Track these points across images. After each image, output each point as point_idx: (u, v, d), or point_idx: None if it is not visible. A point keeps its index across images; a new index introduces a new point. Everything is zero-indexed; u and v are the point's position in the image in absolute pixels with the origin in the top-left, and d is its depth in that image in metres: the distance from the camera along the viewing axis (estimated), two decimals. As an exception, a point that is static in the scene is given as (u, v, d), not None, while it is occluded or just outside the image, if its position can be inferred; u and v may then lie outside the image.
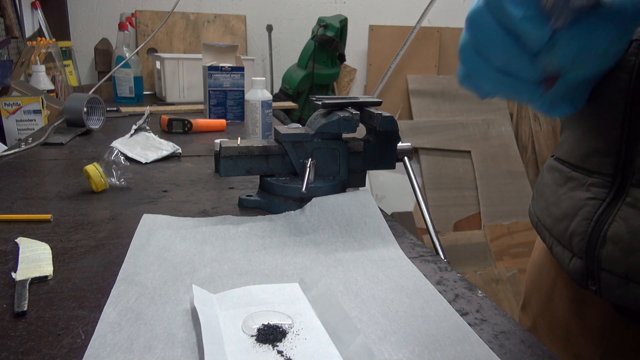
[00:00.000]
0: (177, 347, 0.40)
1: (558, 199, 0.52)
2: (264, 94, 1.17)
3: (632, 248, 0.43)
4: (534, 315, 0.65)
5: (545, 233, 0.56)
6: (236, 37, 2.32)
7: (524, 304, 0.69)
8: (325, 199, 0.67)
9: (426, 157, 2.57)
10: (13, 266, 0.54)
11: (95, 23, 2.29)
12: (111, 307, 0.46)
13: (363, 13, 2.62)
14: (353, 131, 0.73)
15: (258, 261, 0.57)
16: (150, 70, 2.10)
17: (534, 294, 0.65)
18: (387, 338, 0.43)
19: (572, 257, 0.50)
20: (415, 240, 0.64)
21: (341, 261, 0.57)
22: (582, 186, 0.49)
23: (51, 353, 0.40)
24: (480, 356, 0.40)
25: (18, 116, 1.33)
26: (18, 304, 0.46)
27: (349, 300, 0.49)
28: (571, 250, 0.50)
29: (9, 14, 1.66)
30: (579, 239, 0.48)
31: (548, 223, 0.54)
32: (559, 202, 0.52)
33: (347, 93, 2.68)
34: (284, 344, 0.41)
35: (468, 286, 0.53)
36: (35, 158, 1.03)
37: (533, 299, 0.65)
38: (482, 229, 2.50)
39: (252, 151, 0.71)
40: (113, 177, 0.81)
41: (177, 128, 1.32)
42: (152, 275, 0.52)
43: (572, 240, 0.49)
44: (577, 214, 0.48)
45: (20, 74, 1.66)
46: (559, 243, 0.52)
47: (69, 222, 0.67)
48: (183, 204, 0.76)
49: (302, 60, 2.29)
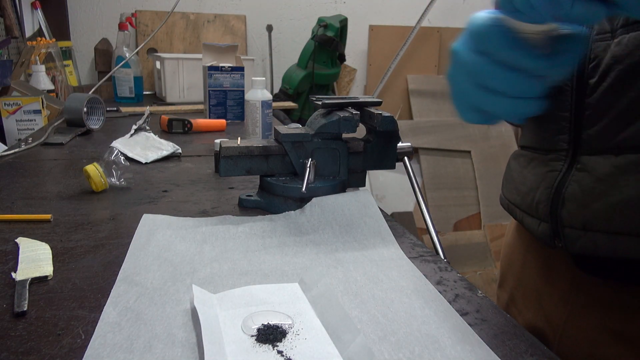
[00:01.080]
0: (177, 347, 0.40)
1: (524, 178, 0.61)
2: (264, 94, 1.17)
3: (585, 203, 0.51)
4: (510, 289, 0.72)
5: (515, 210, 0.64)
6: (236, 37, 2.32)
7: (501, 281, 0.76)
8: (325, 199, 0.67)
9: (426, 157, 2.57)
10: (13, 266, 0.54)
11: (95, 23, 2.29)
12: (111, 307, 0.46)
13: (363, 13, 2.62)
14: (353, 131, 0.73)
15: (258, 261, 0.57)
16: (150, 70, 2.10)
17: (509, 270, 0.73)
18: (387, 338, 0.43)
19: (540, 223, 0.57)
20: (415, 240, 0.64)
21: (341, 261, 0.57)
22: (543, 163, 0.58)
23: (51, 353, 0.40)
24: (480, 356, 0.40)
25: (18, 116, 1.33)
26: (18, 304, 0.46)
27: (349, 300, 0.49)
28: (538, 217, 0.58)
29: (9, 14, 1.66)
30: (543, 205, 0.56)
31: (517, 200, 0.63)
32: (524, 180, 0.61)
33: (347, 93, 2.68)
34: (284, 344, 0.41)
35: (468, 286, 0.53)
36: (35, 158, 1.03)
37: (508, 274, 0.73)
38: (482, 229, 2.50)
39: (252, 151, 0.71)
40: (113, 177, 0.81)
41: (177, 128, 1.32)
42: (152, 275, 0.52)
43: (538, 208, 0.57)
44: (540, 185, 0.57)
45: (20, 74, 1.66)
46: (528, 214, 0.60)
47: (69, 222, 0.67)
48: (183, 204, 0.76)
49: (302, 60, 2.29)
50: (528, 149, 0.62)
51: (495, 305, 0.49)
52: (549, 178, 0.56)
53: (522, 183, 0.62)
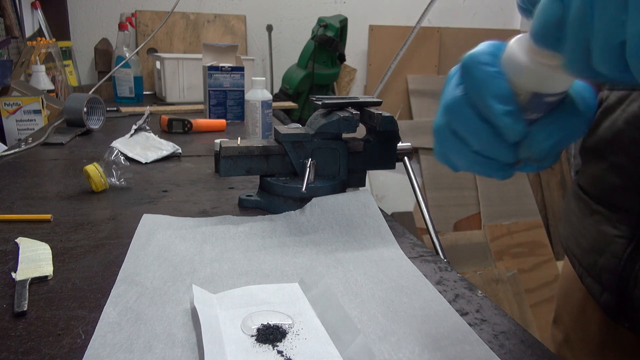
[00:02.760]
0: (177, 347, 0.40)
1: (585, 230, 0.52)
2: (264, 94, 1.17)
3: None
4: (566, 329, 0.64)
5: (574, 261, 0.55)
6: (236, 37, 2.32)
7: (556, 317, 0.68)
8: (325, 199, 0.67)
9: (426, 157, 2.57)
10: (13, 266, 0.54)
11: (95, 23, 2.29)
12: (111, 307, 0.46)
13: (363, 13, 2.62)
14: (353, 131, 0.73)
15: (258, 261, 0.57)
16: (150, 70, 2.10)
17: (565, 308, 0.64)
18: (387, 338, 0.43)
19: (603, 291, 0.49)
20: (415, 240, 0.64)
21: (341, 261, 0.57)
22: (608, 221, 0.48)
23: (51, 353, 0.40)
24: (480, 356, 0.40)
25: (18, 116, 1.33)
26: (18, 304, 0.46)
27: (349, 300, 0.49)
28: (602, 285, 0.49)
29: (9, 14, 1.66)
30: (609, 276, 0.48)
31: (577, 253, 0.54)
32: (586, 233, 0.52)
33: (347, 93, 2.68)
34: (284, 344, 0.41)
35: (468, 286, 0.53)
36: (35, 158, 1.03)
37: (564, 313, 0.65)
38: (482, 229, 2.50)
39: (252, 151, 0.71)
40: (113, 177, 0.81)
41: (177, 128, 1.32)
42: (152, 275, 0.52)
43: (602, 275, 0.49)
44: (606, 250, 0.48)
45: (20, 74, 1.65)
46: (589, 275, 0.52)
47: (69, 222, 0.67)
48: (183, 204, 0.76)
49: (302, 60, 2.28)
50: (589, 195, 0.52)
51: (495, 305, 0.49)
52: (616, 244, 0.47)
53: (583, 236, 0.52)
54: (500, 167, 0.36)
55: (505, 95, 0.32)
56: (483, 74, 0.32)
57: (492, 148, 0.34)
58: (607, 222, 0.48)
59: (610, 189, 0.48)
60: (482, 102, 0.33)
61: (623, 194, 0.46)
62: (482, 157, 0.35)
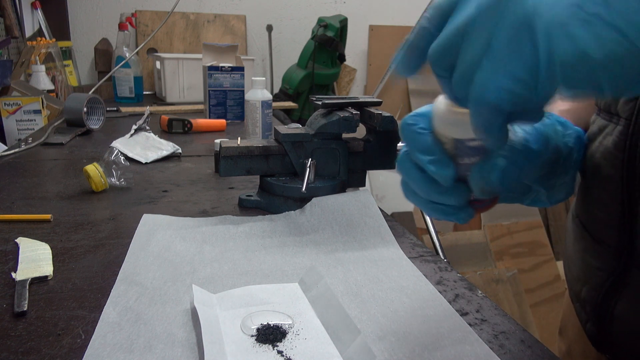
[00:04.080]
0: (177, 347, 0.40)
1: (575, 255, 0.53)
2: (264, 94, 1.17)
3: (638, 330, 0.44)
4: (569, 342, 0.65)
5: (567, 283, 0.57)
6: (236, 37, 2.32)
7: (561, 328, 0.69)
8: (325, 199, 0.67)
9: (426, 157, 2.57)
10: (13, 266, 0.54)
11: (95, 23, 2.29)
12: (111, 307, 0.46)
13: (363, 13, 2.62)
14: (353, 131, 0.73)
15: (258, 261, 0.57)
16: (150, 70, 2.10)
17: (570, 320, 0.65)
18: (387, 338, 0.43)
19: (587, 321, 0.51)
20: (415, 240, 0.64)
21: (341, 261, 0.57)
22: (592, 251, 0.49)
23: (51, 353, 0.40)
24: (480, 356, 0.40)
25: (18, 116, 1.33)
26: (18, 304, 0.46)
27: (349, 300, 0.49)
28: (586, 314, 0.51)
29: (9, 14, 1.66)
30: (590, 308, 0.49)
31: (569, 276, 0.56)
32: (574, 258, 0.53)
33: (347, 93, 2.68)
34: (284, 344, 0.41)
35: (468, 286, 0.53)
36: (35, 158, 1.03)
37: (569, 325, 0.65)
38: (482, 229, 2.50)
39: (252, 151, 0.71)
40: (113, 177, 0.81)
41: (177, 128, 1.32)
42: (152, 275, 0.52)
43: (585, 305, 0.50)
44: (588, 281, 0.49)
45: (20, 74, 1.65)
46: (577, 300, 0.53)
47: (69, 222, 0.67)
48: (183, 204, 0.76)
49: (302, 60, 2.28)
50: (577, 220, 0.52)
51: (495, 305, 0.49)
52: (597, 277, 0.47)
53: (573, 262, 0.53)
54: (452, 211, 0.39)
55: (428, 146, 0.37)
56: (410, 133, 0.38)
57: (435, 194, 0.38)
58: (591, 251, 0.49)
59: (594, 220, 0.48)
60: (414, 155, 0.38)
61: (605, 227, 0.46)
62: (433, 204, 0.40)
